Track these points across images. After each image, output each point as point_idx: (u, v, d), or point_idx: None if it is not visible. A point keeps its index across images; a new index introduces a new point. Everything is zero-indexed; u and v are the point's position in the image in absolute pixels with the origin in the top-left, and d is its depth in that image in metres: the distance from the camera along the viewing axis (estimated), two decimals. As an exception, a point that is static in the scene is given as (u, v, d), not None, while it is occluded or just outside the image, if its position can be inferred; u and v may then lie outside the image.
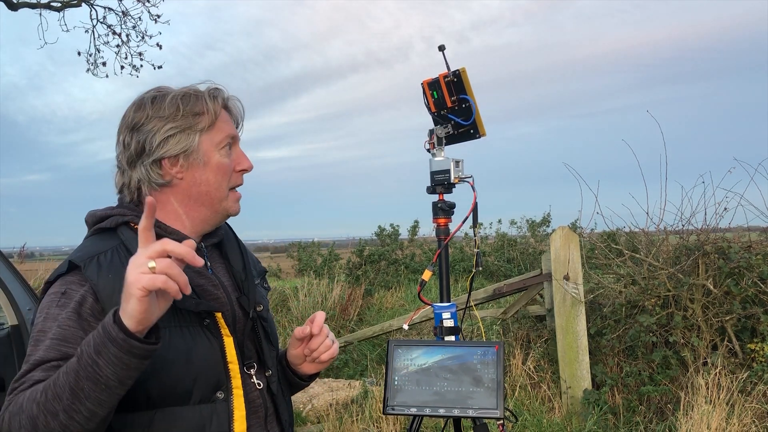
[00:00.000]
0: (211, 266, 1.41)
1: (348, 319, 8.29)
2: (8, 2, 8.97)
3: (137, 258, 1.05)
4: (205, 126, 1.34)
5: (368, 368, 6.10)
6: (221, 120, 1.37)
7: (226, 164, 1.37)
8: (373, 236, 13.35)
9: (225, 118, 1.39)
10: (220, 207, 1.38)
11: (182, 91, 1.35)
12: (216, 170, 1.35)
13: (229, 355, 1.31)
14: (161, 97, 1.34)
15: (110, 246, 1.29)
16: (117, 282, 1.22)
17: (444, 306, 1.96)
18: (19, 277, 2.79)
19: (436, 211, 1.96)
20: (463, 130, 1.92)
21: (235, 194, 1.41)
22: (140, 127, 1.32)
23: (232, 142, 1.39)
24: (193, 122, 1.33)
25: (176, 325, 1.26)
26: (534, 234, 13.90)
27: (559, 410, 4.64)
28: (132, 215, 1.33)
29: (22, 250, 12.35)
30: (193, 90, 1.37)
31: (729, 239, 4.85)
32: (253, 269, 1.49)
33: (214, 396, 1.27)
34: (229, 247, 1.48)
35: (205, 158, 1.34)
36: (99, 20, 9.73)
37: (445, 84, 1.89)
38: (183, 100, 1.33)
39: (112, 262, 1.26)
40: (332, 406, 4.92)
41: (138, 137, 1.31)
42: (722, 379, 3.98)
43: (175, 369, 1.23)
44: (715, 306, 4.58)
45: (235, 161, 1.40)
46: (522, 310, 5.75)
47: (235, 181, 1.40)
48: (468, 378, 1.72)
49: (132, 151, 1.32)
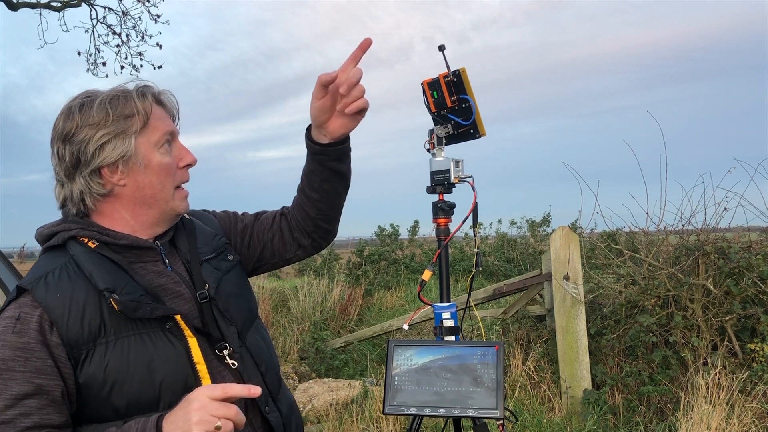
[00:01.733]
0: (170, 263, 1.38)
1: (348, 319, 8.29)
2: (8, 2, 8.97)
3: (205, 408, 1.09)
4: (139, 127, 1.29)
5: (368, 368, 6.10)
6: (155, 118, 1.32)
7: (167, 163, 1.33)
8: (373, 236, 13.35)
9: (159, 115, 1.33)
10: (167, 207, 1.35)
11: (110, 94, 1.30)
12: (158, 171, 1.32)
13: (195, 356, 1.28)
14: (89, 102, 1.28)
15: (58, 264, 1.26)
16: (65, 300, 1.21)
17: (444, 306, 1.95)
18: (19, 278, 2.79)
19: (436, 211, 1.95)
20: (463, 130, 1.92)
21: (182, 192, 1.38)
22: (72, 138, 1.26)
23: (171, 138, 1.35)
24: (125, 126, 1.27)
25: (135, 332, 1.24)
26: (534, 234, 13.90)
27: (559, 410, 4.64)
28: (77, 228, 1.29)
29: (22, 250, 12.35)
30: (121, 91, 1.32)
31: (729, 239, 4.85)
32: (204, 246, 1.45)
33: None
34: (177, 237, 1.44)
35: (144, 161, 1.30)
36: (99, 20, 9.73)
37: (445, 84, 1.88)
38: (111, 103, 1.28)
39: (60, 280, 1.23)
40: (332, 406, 4.92)
41: (71, 148, 1.26)
42: (722, 379, 3.98)
43: (137, 378, 1.22)
44: (715, 306, 4.58)
45: (176, 157, 1.36)
46: (522, 310, 5.75)
47: (180, 178, 1.37)
48: (468, 378, 1.72)
49: (68, 163, 1.27)
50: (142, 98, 1.31)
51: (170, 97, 1.39)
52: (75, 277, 1.24)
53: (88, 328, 1.20)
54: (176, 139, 1.38)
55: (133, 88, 1.33)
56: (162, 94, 1.37)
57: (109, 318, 1.22)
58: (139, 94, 1.32)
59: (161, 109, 1.36)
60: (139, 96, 1.31)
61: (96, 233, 1.29)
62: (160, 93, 1.37)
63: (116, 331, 1.22)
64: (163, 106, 1.37)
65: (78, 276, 1.24)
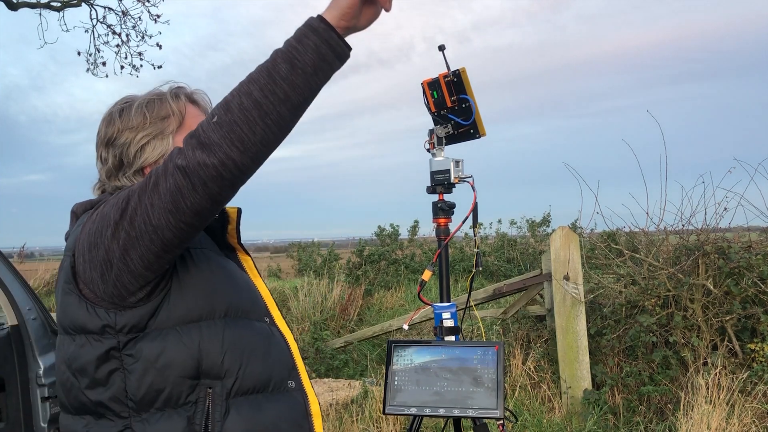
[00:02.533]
0: None
1: (348, 319, 8.29)
2: (8, 2, 8.97)
3: None
4: (175, 127, 1.36)
5: (368, 368, 6.10)
6: (190, 116, 1.39)
7: None
8: (373, 236, 13.34)
9: (194, 113, 1.40)
10: None
11: (146, 99, 1.38)
12: None
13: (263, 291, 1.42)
14: (128, 108, 1.36)
15: None
16: None
17: (444, 306, 1.96)
18: (19, 277, 2.78)
19: (436, 211, 1.96)
20: (463, 129, 1.92)
21: None
22: (114, 142, 1.35)
23: None
24: (163, 126, 1.35)
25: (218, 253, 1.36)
26: (534, 234, 13.89)
27: (559, 410, 4.64)
28: None
29: (22, 250, 12.36)
30: (156, 94, 1.39)
31: (729, 239, 4.85)
32: None
33: (264, 319, 1.36)
34: None
35: None
36: (99, 20, 9.74)
37: (445, 84, 1.89)
38: (148, 107, 1.36)
39: None
40: (332, 406, 4.92)
41: (114, 151, 1.35)
42: (722, 379, 3.98)
43: (233, 287, 1.32)
44: (715, 306, 4.58)
45: None
46: (522, 310, 5.75)
47: None
48: (468, 378, 1.72)
49: (111, 165, 1.36)
50: (176, 99, 1.38)
51: (203, 96, 1.46)
52: None
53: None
54: None
55: (167, 90, 1.40)
56: (195, 94, 1.44)
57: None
58: (173, 95, 1.39)
59: (195, 108, 1.42)
60: (173, 97, 1.38)
61: None
62: (193, 93, 1.44)
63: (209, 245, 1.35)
64: (197, 105, 1.43)
65: None
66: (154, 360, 1.20)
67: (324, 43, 1.10)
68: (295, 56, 1.09)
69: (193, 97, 1.43)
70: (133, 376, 1.20)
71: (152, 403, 1.20)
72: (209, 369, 1.22)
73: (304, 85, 1.10)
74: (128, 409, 1.21)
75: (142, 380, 1.20)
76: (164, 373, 1.20)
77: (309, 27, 1.11)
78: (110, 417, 1.23)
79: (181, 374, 1.20)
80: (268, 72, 1.09)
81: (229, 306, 1.28)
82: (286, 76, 1.09)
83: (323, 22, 1.10)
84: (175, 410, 1.21)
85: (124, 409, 1.22)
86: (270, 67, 1.10)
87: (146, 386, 1.20)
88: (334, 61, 1.12)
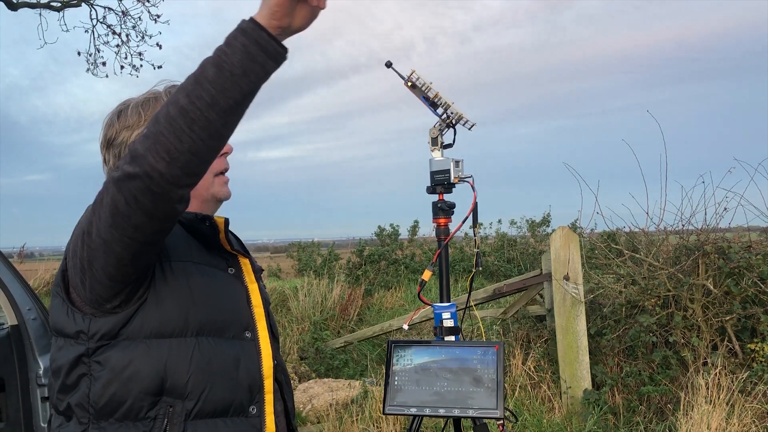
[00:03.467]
0: None
1: (348, 319, 8.29)
2: (8, 2, 8.97)
3: None
4: None
5: (368, 368, 6.10)
6: None
7: None
8: (373, 236, 13.34)
9: None
10: (208, 194, 1.40)
11: (142, 98, 1.38)
12: None
13: (254, 299, 1.39)
14: (125, 109, 1.38)
15: None
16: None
17: (444, 306, 1.96)
18: (19, 277, 2.78)
19: (436, 211, 1.96)
20: (446, 119, 1.95)
21: (222, 178, 1.43)
22: (113, 142, 1.37)
23: None
24: None
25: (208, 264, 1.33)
26: (534, 234, 13.89)
27: (559, 410, 4.64)
28: None
29: (22, 250, 12.35)
30: (152, 93, 1.39)
31: (729, 239, 4.85)
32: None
33: (243, 334, 1.34)
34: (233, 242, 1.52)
35: None
36: (99, 20, 9.74)
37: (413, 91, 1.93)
38: (143, 106, 1.36)
39: None
40: (332, 406, 4.92)
41: (113, 151, 1.37)
42: (722, 379, 3.98)
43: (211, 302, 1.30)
44: (715, 306, 4.58)
45: None
46: (522, 310, 5.75)
47: (218, 166, 1.41)
48: (468, 378, 1.72)
49: (111, 165, 1.37)
50: None
51: None
52: None
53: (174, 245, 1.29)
54: None
55: (162, 89, 1.40)
56: None
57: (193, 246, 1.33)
58: (167, 93, 1.38)
59: None
60: (168, 95, 1.36)
61: None
62: None
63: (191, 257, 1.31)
64: None
65: None
66: (121, 370, 1.20)
67: (254, 43, 1.05)
68: (222, 59, 1.05)
69: None
70: (98, 384, 1.20)
71: (112, 414, 1.20)
72: (173, 388, 1.22)
73: (233, 88, 1.05)
74: (88, 415, 1.22)
75: (105, 389, 1.20)
76: (128, 385, 1.20)
77: (238, 29, 1.07)
78: (74, 421, 1.24)
79: (144, 389, 1.20)
80: (195, 78, 1.05)
81: (203, 323, 1.26)
82: (213, 79, 1.04)
83: (253, 22, 1.06)
84: (134, 423, 1.20)
85: (85, 414, 1.22)
86: (197, 73, 1.06)
87: (109, 395, 1.20)
88: (266, 61, 1.06)
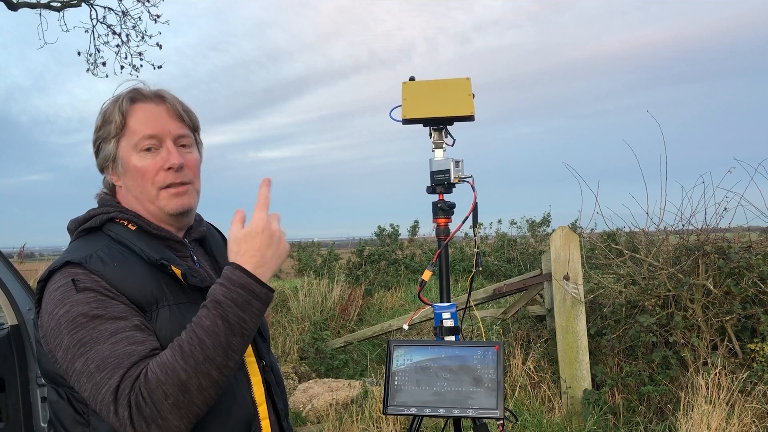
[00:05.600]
0: (197, 260, 1.42)
1: (348, 319, 8.29)
2: (8, 2, 8.97)
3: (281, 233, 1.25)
4: (116, 132, 1.33)
5: (368, 368, 6.10)
6: (137, 122, 1.33)
7: (142, 166, 1.33)
8: (373, 236, 13.35)
9: (143, 117, 1.33)
10: (155, 208, 1.35)
11: (109, 101, 1.37)
12: (135, 174, 1.34)
13: None
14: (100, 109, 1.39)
15: (102, 243, 1.30)
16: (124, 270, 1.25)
17: (444, 306, 1.96)
18: (19, 277, 2.79)
19: (436, 211, 1.96)
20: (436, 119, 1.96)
21: (168, 192, 1.35)
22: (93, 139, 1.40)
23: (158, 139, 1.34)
24: (108, 130, 1.34)
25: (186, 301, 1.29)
26: (534, 234, 13.90)
27: (559, 410, 4.64)
28: (116, 211, 1.35)
29: (22, 250, 12.34)
30: (115, 96, 1.36)
31: (729, 239, 4.85)
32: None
33: None
34: (213, 244, 1.50)
35: (124, 164, 1.34)
36: (99, 20, 9.74)
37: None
38: (105, 110, 1.36)
39: (112, 254, 1.27)
40: (332, 406, 4.92)
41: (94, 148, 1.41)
42: (722, 379, 3.98)
43: None
44: (715, 306, 4.58)
45: (162, 159, 1.33)
46: (522, 310, 5.75)
47: (162, 180, 1.34)
48: (468, 378, 1.72)
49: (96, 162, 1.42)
50: (124, 103, 1.34)
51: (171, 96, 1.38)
52: (125, 253, 1.29)
53: (151, 294, 1.25)
54: (167, 140, 1.35)
55: (124, 93, 1.36)
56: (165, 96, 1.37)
57: (165, 286, 1.29)
58: (124, 99, 1.34)
59: (157, 110, 1.35)
60: (123, 101, 1.34)
61: (133, 217, 1.36)
62: (157, 93, 1.36)
63: (174, 297, 1.29)
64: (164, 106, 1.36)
65: (126, 252, 1.30)
66: None
67: (266, 305, 1.20)
68: (243, 327, 1.15)
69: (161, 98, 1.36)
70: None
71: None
72: None
73: (246, 345, 1.18)
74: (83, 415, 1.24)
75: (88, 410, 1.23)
76: None
77: (251, 293, 1.17)
78: None
79: None
80: (224, 350, 1.13)
81: None
82: (238, 347, 1.15)
83: (264, 286, 1.19)
84: None
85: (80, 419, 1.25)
86: (225, 344, 1.13)
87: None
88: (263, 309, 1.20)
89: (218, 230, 1.60)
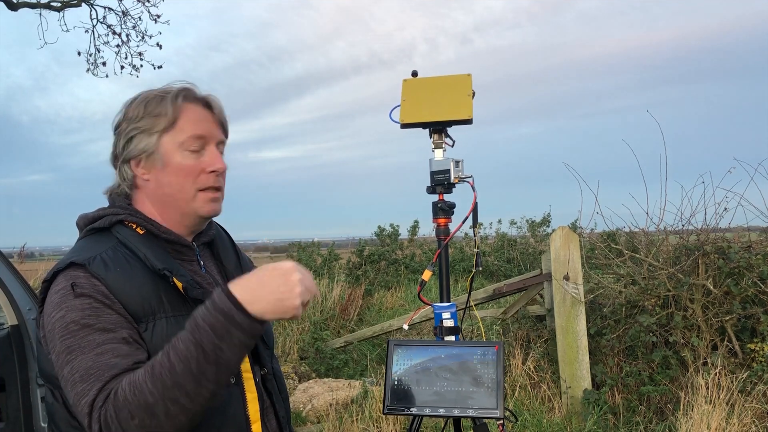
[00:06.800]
0: (204, 265, 1.41)
1: (348, 319, 8.29)
2: (8, 2, 8.97)
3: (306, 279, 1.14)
4: (164, 127, 1.32)
5: (368, 368, 6.10)
6: (186, 120, 1.33)
7: (188, 165, 1.33)
8: (373, 236, 13.35)
9: (194, 117, 1.34)
10: (188, 208, 1.35)
11: (151, 93, 1.35)
12: (177, 171, 1.32)
13: None
14: (134, 100, 1.36)
15: (108, 245, 1.29)
16: (125, 276, 1.24)
17: (444, 306, 1.96)
18: (19, 277, 2.78)
19: (436, 211, 1.96)
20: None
21: (206, 195, 1.35)
22: (117, 130, 1.36)
23: (203, 141, 1.34)
24: (152, 123, 1.32)
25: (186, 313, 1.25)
26: (534, 234, 13.90)
27: (559, 410, 4.64)
28: (125, 213, 1.34)
29: (22, 250, 12.33)
30: (162, 91, 1.36)
31: (729, 239, 4.85)
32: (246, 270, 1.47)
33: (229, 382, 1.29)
34: (221, 247, 1.48)
35: (164, 159, 1.32)
36: (99, 20, 9.74)
37: None
38: (150, 102, 1.34)
39: (116, 258, 1.26)
40: (332, 406, 4.92)
41: (115, 139, 1.37)
42: (722, 379, 3.98)
43: None
44: (715, 306, 4.58)
45: (205, 162, 1.34)
46: (522, 310, 5.75)
47: (203, 182, 1.34)
48: (468, 378, 1.72)
49: (113, 152, 1.37)
50: (178, 100, 1.33)
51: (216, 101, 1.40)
52: (129, 257, 1.28)
53: (148, 304, 1.24)
54: (211, 144, 1.36)
55: (175, 89, 1.36)
56: (211, 100, 1.38)
57: (165, 296, 1.27)
58: (178, 95, 1.34)
59: (205, 113, 1.36)
60: (176, 97, 1.34)
61: (143, 221, 1.34)
62: (208, 98, 1.38)
63: (173, 308, 1.27)
64: (211, 111, 1.38)
65: (131, 257, 1.28)
66: None
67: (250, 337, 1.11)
68: (219, 357, 1.08)
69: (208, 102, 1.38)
70: None
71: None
72: None
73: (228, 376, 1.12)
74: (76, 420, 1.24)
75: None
76: None
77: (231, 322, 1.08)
78: None
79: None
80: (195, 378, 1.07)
81: None
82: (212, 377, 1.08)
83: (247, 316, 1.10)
84: None
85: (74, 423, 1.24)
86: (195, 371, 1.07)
87: None
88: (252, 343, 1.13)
89: (227, 232, 1.58)
